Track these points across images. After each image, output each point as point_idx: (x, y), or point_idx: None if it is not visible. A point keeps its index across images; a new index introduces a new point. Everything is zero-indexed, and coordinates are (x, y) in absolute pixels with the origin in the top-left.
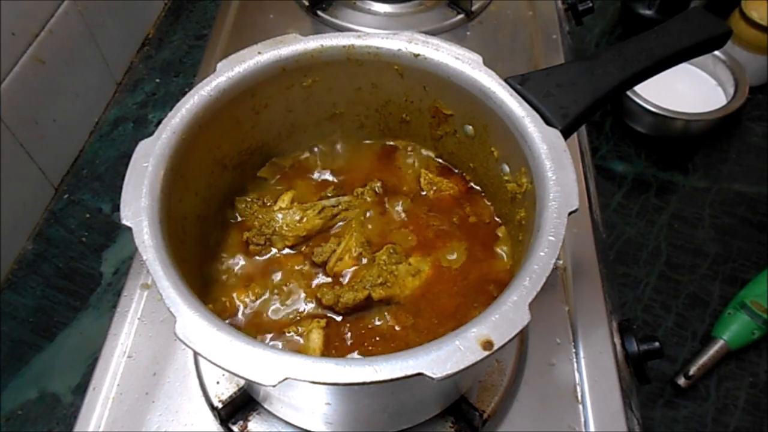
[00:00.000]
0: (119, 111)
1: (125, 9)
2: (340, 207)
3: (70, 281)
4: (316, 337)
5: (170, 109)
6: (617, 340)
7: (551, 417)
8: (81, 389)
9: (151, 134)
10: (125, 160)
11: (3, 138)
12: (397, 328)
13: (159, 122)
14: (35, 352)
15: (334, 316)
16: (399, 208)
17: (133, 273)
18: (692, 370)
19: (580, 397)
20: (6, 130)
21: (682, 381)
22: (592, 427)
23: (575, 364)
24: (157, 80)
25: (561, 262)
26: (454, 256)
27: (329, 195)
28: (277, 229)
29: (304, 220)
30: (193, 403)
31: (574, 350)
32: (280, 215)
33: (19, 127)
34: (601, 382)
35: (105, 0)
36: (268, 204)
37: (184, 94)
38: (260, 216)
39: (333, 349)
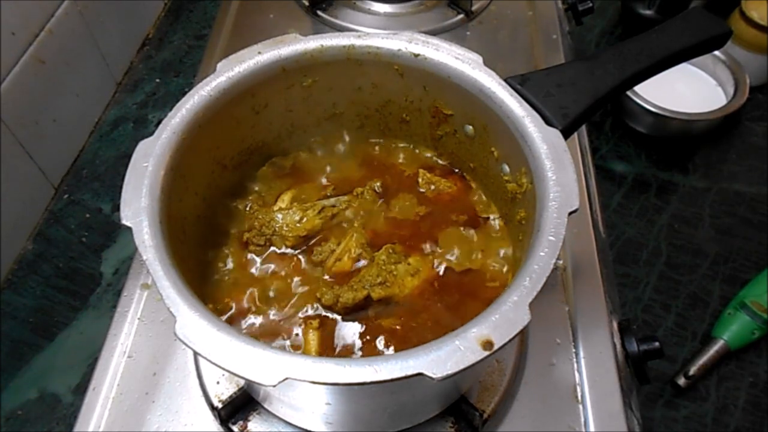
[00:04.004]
0: (119, 111)
1: (125, 9)
2: (339, 207)
3: (70, 281)
4: (314, 338)
5: (170, 109)
6: (617, 340)
7: (551, 417)
8: (81, 389)
9: (151, 134)
10: (125, 160)
11: (3, 138)
12: (396, 327)
13: (159, 122)
14: (35, 352)
15: (334, 316)
16: (398, 208)
17: (133, 273)
18: (692, 370)
19: (580, 397)
20: (6, 130)
21: (682, 381)
22: (592, 427)
23: (575, 364)
24: (157, 80)
25: (561, 262)
26: (453, 256)
27: (329, 195)
28: (277, 229)
29: (304, 220)
30: (193, 403)
31: (574, 350)
32: (280, 215)
33: (19, 127)
34: (601, 382)
35: (105, 0)
36: (269, 204)
37: (184, 94)
38: (260, 216)
39: (332, 349)
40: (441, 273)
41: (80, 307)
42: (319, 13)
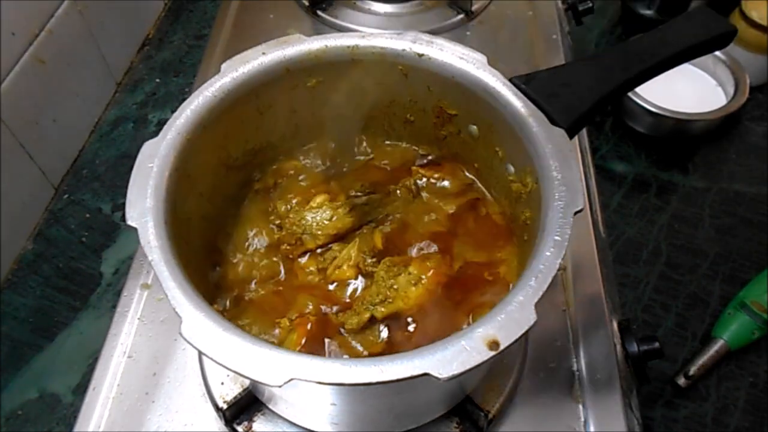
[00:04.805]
0: (119, 111)
1: (125, 9)
2: (372, 205)
3: (70, 281)
4: (295, 337)
5: (170, 109)
6: (617, 340)
7: (551, 417)
8: (81, 389)
9: (150, 134)
10: (125, 160)
11: (3, 138)
12: (409, 328)
13: (159, 122)
14: (35, 352)
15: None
16: (426, 206)
17: (133, 273)
18: (692, 370)
19: (580, 397)
20: (6, 130)
21: (682, 381)
22: (592, 427)
23: (575, 365)
24: (157, 80)
25: (561, 262)
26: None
27: (359, 193)
28: (307, 228)
29: (335, 218)
30: (193, 403)
31: (574, 350)
32: (310, 215)
33: (19, 127)
34: (601, 382)
35: (105, 0)
36: (302, 204)
37: (184, 93)
38: (290, 216)
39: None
40: (446, 276)
41: (80, 307)
42: (319, 13)
